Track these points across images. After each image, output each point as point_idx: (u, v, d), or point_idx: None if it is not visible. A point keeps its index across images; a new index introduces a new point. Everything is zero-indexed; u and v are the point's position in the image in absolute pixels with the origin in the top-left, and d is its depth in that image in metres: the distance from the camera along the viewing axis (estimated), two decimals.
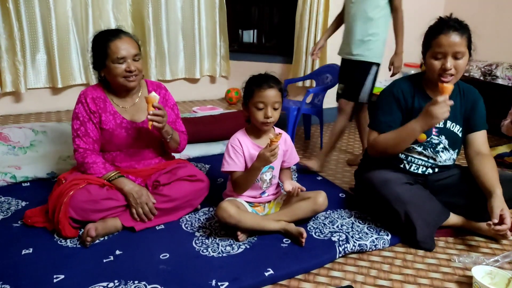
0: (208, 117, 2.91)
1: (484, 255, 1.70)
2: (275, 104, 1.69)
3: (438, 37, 1.67)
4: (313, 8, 3.41)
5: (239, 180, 1.75)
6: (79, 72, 3.46)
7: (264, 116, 1.69)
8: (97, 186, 1.69)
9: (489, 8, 3.68)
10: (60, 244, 1.62)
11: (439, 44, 1.67)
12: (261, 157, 1.64)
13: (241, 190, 1.77)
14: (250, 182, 1.74)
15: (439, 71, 1.69)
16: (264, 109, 1.68)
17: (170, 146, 1.90)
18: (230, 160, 1.75)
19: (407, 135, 1.75)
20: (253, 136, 1.79)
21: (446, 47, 1.66)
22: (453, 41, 1.65)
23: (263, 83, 1.68)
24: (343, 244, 1.67)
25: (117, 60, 1.72)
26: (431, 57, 1.72)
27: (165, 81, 3.80)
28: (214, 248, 1.63)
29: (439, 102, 1.63)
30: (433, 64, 1.71)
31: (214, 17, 3.87)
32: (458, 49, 1.65)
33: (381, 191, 1.75)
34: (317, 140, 3.28)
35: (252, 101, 1.70)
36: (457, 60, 1.67)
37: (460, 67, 1.68)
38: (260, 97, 1.67)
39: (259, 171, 1.71)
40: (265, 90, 1.67)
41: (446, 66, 1.66)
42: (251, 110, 1.71)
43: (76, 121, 1.81)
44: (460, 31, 1.66)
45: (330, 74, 3.14)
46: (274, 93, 1.68)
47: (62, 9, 3.24)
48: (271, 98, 1.68)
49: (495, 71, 3.36)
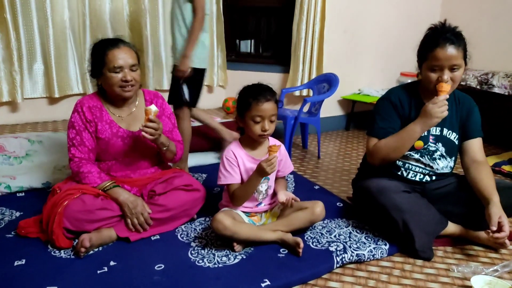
0: (205, 127, 2.90)
1: (483, 265, 1.68)
2: (272, 116, 1.69)
3: (434, 50, 1.66)
4: (310, 18, 3.43)
5: (237, 192, 1.73)
6: (76, 82, 3.46)
7: (262, 129, 1.68)
8: (91, 196, 1.68)
9: (484, 16, 3.71)
10: (53, 255, 1.60)
11: (435, 58, 1.66)
12: (260, 168, 1.63)
13: (240, 203, 1.76)
14: (249, 194, 1.73)
15: (436, 82, 1.70)
16: (261, 122, 1.68)
17: (166, 156, 1.90)
18: (226, 173, 1.73)
19: (408, 137, 1.75)
20: (248, 148, 1.78)
21: (443, 61, 1.65)
22: (450, 55, 1.64)
23: (259, 96, 1.66)
24: (340, 254, 1.65)
25: (113, 69, 1.71)
26: (427, 69, 1.71)
27: (162, 91, 3.79)
28: (210, 259, 1.61)
29: (437, 101, 1.64)
30: (430, 76, 1.71)
31: (211, 27, 3.88)
32: (455, 62, 1.65)
33: (379, 199, 1.74)
34: (314, 149, 3.27)
35: (249, 114, 1.68)
36: (453, 72, 1.68)
37: (456, 78, 1.69)
38: (257, 111, 1.66)
39: (258, 182, 1.70)
40: (263, 104, 1.66)
41: (443, 78, 1.67)
42: (248, 122, 1.70)
43: (72, 130, 1.80)
44: (456, 43, 1.65)
45: (327, 83, 3.14)
46: (272, 106, 1.68)
47: (59, 19, 3.26)
48: (268, 112, 1.67)
49: (491, 80, 3.37)
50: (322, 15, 3.44)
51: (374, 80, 3.98)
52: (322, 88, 3.21)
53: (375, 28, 3.80)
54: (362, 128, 3.96)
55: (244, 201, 1.75)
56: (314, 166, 2.90)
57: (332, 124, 3.87)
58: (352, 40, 3.73)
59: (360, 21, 3.71)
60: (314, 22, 3.43)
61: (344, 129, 3.97)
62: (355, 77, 3.86)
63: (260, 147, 1.79)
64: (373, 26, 3.79)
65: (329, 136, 3.71)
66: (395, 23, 3.88)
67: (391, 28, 3.88)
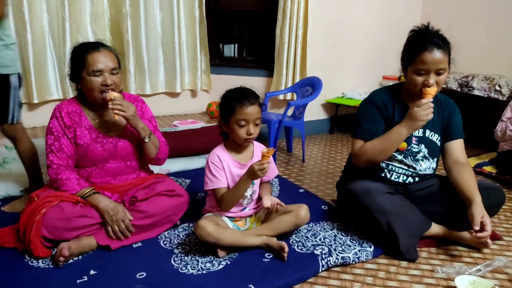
0: (189, 131, 2.87)
1: (466, 265, 1.69)
2: (257, 120, 1.67)
3: (422, 54, 1.67)
4: (293, 23, 3.44)
5: (225, 197, 1.69)
6: (55, 87, 3.39)
7: (247, 133, 1.66)
8: (70, 203, 1.63)
9: (464, 21, 3.79)
10: (31, 265, 1.54)
11: (423, 61, 1.67)
12: (251, 171, 1.61)
13: (228, 207, 1.72)
14: (238, 197, 1.70)
15: (422, 86, 1.71)
16: (246, 126, 1.66)
17: (149, 150, 1.82)
18: (213, 177, 1.70)
19: (394, 139, 1.76)
20: (233, 152, 1.76)
21: (430, 65, 1.66)
22: (437, 59, 1.66)
23: (244, 100, 1.64)
24: (326, 257, 1.64)
25: (93, 72, 1.68)
26: (413, 73, 1.72)
27: (145, 96, 3.76)
28: (193, 265, 1.58)
29: (422, 104, 1.65)
30: (416, 79, 1.71)
31: (194, 31, 3.87)
32: (441, 66, 1.67)
33: (363, 201, 1.74)
34: (299, 152, 3.27)
35: (233, 118, 1.66)
36: (439, 76, 1.69)
37: (441, 82, 1.71)
38: (242, 115, 1.64)
39: (248, 185, 1.67)
40: (247, 107, 1.64)
41: (429, 82, 1.68)
42: (233, 127, 1.67)
43: (50, 136, 1.75)
44: (443, 48, 1.67)
45: (311, 87, 3.15)
46: (256, 110, 1.66)
47: (38, 23, 3.19)
48: (253, 115, 1.65)
49: (471, 83, 3.44)
50: (304, 20, 3.46)
51: (357, 83, 4.01)
52: (306, 91, 3.21)
53: (357, 33, 3.84)
54: (346, 131, 3.99)
55: (232, 205, 1.72)
56: (298, 169, 2.90)
57: (316, 128, 3.89)
58: (335, 45, 3.76)
59: (342, 26, 3.74)
60: (297, 26, 3.45)
61: (328, 133, 3.98)
62: (339, 81, 3.89)
63: (245, 151, 1.78)
64: (356, 31, 3.83)
65: (313, 140, 3.72)
66: (377, 28, 3.93)
67: (373, 33, 3.92)
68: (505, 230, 2.05)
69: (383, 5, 3.92)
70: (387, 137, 1.78)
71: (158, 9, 3.69)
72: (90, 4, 3.40)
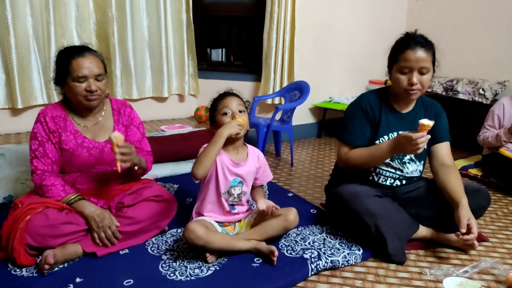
0: (176, 136, 2.85)
1: (454, 267, 1.71)
2: (239, 106, 1.71)
3: (405, 52, 1.71)
4: (280, 28, 3.45)
5: (201, 154, 1.62)
6: (40, 92, 3.32)
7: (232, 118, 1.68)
8: (55, 210, 1.60)
9: (448, 27, 3.85)
10: (14, 273, 1.50)
11: (406, 59, 1.70)
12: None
13: (200, 166, 1.60)
14: (210, 153, 1.60)
15: (406, 85, 1.73)
16: (231, 114, 1.69)
17: (137, 173, 1.84)
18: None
19: (378, 157, 1.78)
20: (228, 151, 1.73)
21: (413, 62, 1.69)
22: (420, 57, 1.69)
23: (223, 94, 1.75)
24: (315, 261, 1.64)
25: (77, 78, 1.65)
26: (397, 72, 1.75)
27: (132, 100, 3.72)
28: (181, 272, 1.56)
29: (412, 138, 1.59)
30: (400, 78, 1.74)
31: (181, 36, 3.85)
32: (424, 64, 1.69)
33: (351, 204, 1.74)
34: (287, 156, 3.28)
35: (217, 114, 1.71)
36: (422, 76, 1.71)
37: (424, 82, 1.73)
38: (222, 104, 1.71)
39: (223, 139, 1.61)
40: (227, 97, 1.73)
41: (412, 81, 1.70)
42: (219, 121, 1.70)
43: (34, 141, 1.71)
44: (426, 47, 1.71)
45: (299, 91, 3.16)
46: (236, 100, 1.73)
47: (22, 27, 3.13)
48: (232, 102, 1.70)
49: (456, 87, 3.49)
50: (292, 24, 3.47)
51: (344, 88, 4.04)
52: (293, 96, 3.22)
53: (344, 38, 3.88)
54: (333, 135, 4.01)
55: (205, 164, 1.60)
56: (287, 173, 2.90)
57: (304, 132, 3.90)
58: (322, 50, 3.79)
59: (329, 31, 3.77)
60: (285, 31, 3.46)
61: (316, 137, 4.00)
62: (326, 85, 3.91)
63: (240, 151, 1.77)
64: (342, 36, 3.86)
65: (301, 144, 3.73)
66: (363, 33, 3.97)
67: (359, 38, 3.96)
68: (490, 231, 2.08)
69: (368, 10, 3.96)
70: (372, 152, 1.79)
71: (145, 13, 3.66)
72: (75, 8, 3.35)
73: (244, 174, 1.74)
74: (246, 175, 1.75)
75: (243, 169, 1.74)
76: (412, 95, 1.76)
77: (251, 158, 1.77)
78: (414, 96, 1.77)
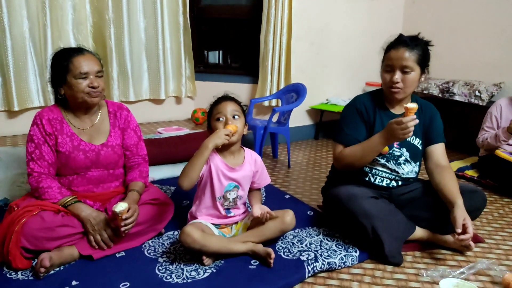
0: (173, 138, 2.84)
1: (450, 268, 1.71)
2: (234, 112, 1.70)
3: (389, 52, 1.78)
4: (277, 30, 3.46)
5: (187, 164, 1.61)
6: (37, 95, 3.32)
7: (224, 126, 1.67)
8: (51, 212, 1.59)
9: (444, 29, 3.87)
10: (9, 277, 1.50)
11: (389, 58, 1.77)
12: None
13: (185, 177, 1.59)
14: (195, 165, 1.59)
15: (388, 83, 1.77)
16: (225, 120, 1.68)
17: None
18: None
19: (371, 149, 1.78)
20: (224, 156, 1.74)
21: (394, 61, 1.74)
22: (401, 56, 1.73)
23: (219, 99, 1.75)
24: (312, 263, 1.64)
25: (79, 75, 1.66)
26: (383, 70, 1.82)
27: (128, 103, 3.72)
28: (178, 274, 1.55)
29: (402, 122, 1.62)
30: (383, 76, 1.81)
31: (178, 38, 3.85)
32: (405, 63, 1.72)
33: (348, 206, 1.75)
34: (284, 158, 3.28)
35: (211, 118, 1.72)
36: (405, 74, 1.74)
37: (408, 81, 1.75)
38: (217, 110, 1.71)
39: (208, 151, 1.59)
40: (221, 102, 1.72)
41: (393, 78, 1.74)
42: (213, 127, 1.70)
43: (31, 143, 1.71)
44: (410, 46, 1.73)
45: (296, 93, 3.17)
46: (232, 104, 1.72)
47: (18, 29, 3.13)
48: (228, 107, 1.70)
49: (452, 88, 3.50)
50: (288, 27, 3.48)
51: (341, 90, 4.05)
52: (290, 98, 3.23)
53: (340, 40, 3.89)
54: (330, 137, 4.01)
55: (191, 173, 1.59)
56: (284, 175, 2.90)
57: (301, 134, 3.90)
58: (319, 52, 3.80)
59: (326, 33, 3.79)
60: (281, 33, 3.47)
61: (313, 138, 4.00)
62: (323, 87, 3.92)
63: (236, 156, 1.77)
64: (339, 38, 3.88)
65: (298, 146, 3.73)
66: (360, 35, 3.98)
67: (356, 40, 3.98)
68: (486, 232, 2.09)
69: (365, 13, 3.98)
70: (365, 146, 1.80)
71: (142, 15, 3.66)
72: (72, 11, 3.35)
73: (239, 178, 1.74)
74: (242, 179, 1.75)
75: (238, 174, 1.74)
76: (395, 93, 1.78)
77: (248, 162, 1.77)
78: (397, 95, 1.79)
